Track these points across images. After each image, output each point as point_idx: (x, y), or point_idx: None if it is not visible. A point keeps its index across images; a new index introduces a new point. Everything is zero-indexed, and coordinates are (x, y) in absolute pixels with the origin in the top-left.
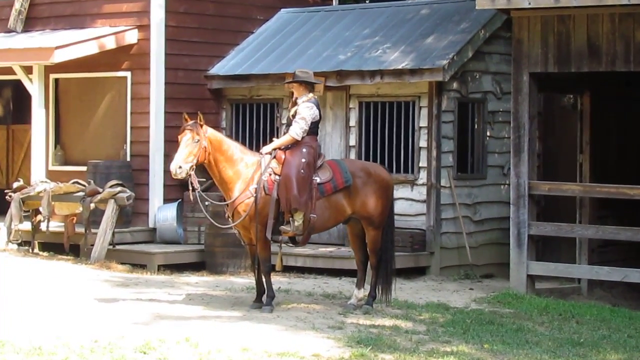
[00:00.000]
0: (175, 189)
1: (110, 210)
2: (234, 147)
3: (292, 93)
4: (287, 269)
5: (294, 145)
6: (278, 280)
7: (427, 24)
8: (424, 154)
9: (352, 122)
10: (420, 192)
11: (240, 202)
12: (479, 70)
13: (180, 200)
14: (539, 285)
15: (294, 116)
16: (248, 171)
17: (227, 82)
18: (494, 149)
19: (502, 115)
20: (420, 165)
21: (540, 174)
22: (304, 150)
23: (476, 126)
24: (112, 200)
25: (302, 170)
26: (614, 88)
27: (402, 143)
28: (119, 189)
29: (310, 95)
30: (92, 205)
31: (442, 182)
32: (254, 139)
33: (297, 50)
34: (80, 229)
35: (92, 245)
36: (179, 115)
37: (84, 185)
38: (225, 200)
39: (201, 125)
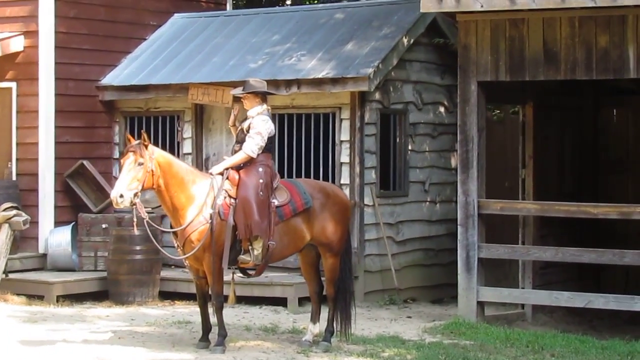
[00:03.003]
0: (68, 210)
1: (4, 236)
2: (184, 169)
3: (197, 105)
4: (169, 296)
5: (247, 164)
6: (194, 311)
7: (344, 30)
8: (345, 170)
9: None
10: None
11: (193, 230)
12: (401, 80)
13: (74, 222)
14: None
15: (247, 130)
16: (201, 195)
17: (121, 94)
18: (416, 164)
19: (423, 128)
20: (342, 182)
21: None
22: (260, 169)
23: (398, 139)
24: (7, 225)
25: (260, 193)
26: (553, 98)
27: (322, 158)
28: (13, 212)
29: (265, 107)
30: None
31: (366, 201)
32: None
33: (199, 58)
34: None
35: None
36: (70, 129)
37: None
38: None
39: (146, 146)
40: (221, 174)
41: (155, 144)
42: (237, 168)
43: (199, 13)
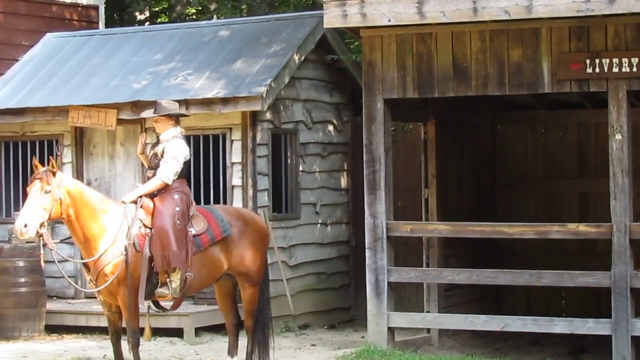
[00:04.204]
0: None
1: None
2: (96, 197)
3: (76, 128)
4: (55, 330)
5: (162, 191)
6: (86, 345)
7: (231, 47)
8: (238, 193)
9: None
10: None
11: (107, 262)
12: (291, 98)
13: None
14: None
15: (162, 155)
16: (114, 225)
17: None
18: (307, 185)
19: (313, 147)
20: (234, 206)
21: (349, 211)
22: (176, 196)
23: (289, 160)
24: None
25: (177, 221)
26: (452, 115)
27: (212, 182)
28: None
29: (179, 129)
30: None
31: None
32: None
33: (78, 79)
34: None
35: None
36: None
37: None
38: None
39: (53, 173)
40: (135, 202)
41: (33, 169)
42: (151, 196)
43: (73, 32)
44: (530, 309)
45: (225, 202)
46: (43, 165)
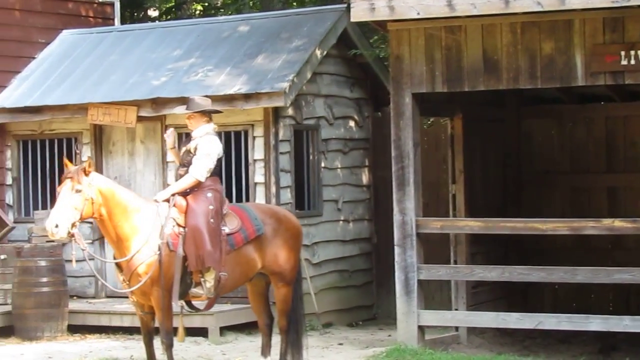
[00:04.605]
0: None
1: None
2: (128, 196)
3: (95, 126)
4: (77, 330)
5: (195, 189)
6: (111, 345)
7: (251, 43)
8: (260, 191)
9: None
10: None
11: (140, 262)
12: (312, 94)
13: None
14: None
15: (194, 152)
16: (147, 224)
17: (14, 116)
18: (328, 182)
19: (335, 143)
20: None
21: (371, 208)
22: (209, 194)
23: (311, 156)
24: None
25: (211, 220)
26: (478, 109)
27: (234, 179)
28: None
29: (212, 126)
30: None
31: None
32: (48, 181)
33: (96, 76)
34: None
35: None
36: None
37: None
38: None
39: (86, 172)
40: (167, 200)
41: (52, 168)
42: (184, 194)
43: (89, 29)
44: (557, 306)
45: (247, 200)
46: (73, 163)
